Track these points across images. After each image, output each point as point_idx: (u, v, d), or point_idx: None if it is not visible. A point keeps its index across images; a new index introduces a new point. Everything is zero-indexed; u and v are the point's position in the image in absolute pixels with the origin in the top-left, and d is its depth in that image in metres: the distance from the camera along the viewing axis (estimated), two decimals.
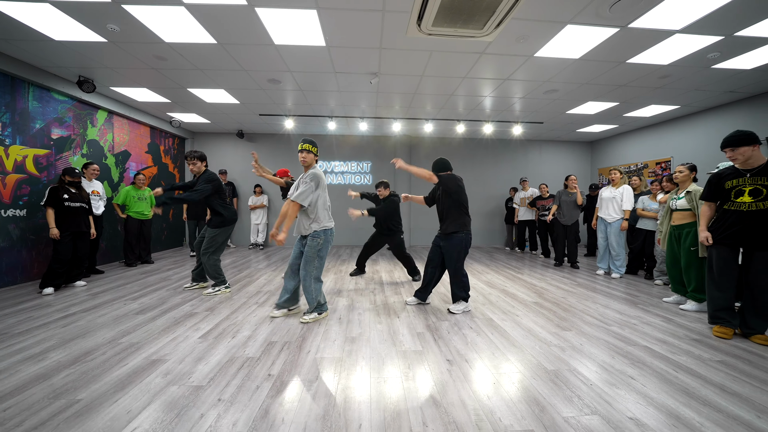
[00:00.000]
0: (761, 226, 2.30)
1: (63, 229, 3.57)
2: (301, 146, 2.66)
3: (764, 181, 2.30)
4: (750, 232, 2.34)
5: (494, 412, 1.55)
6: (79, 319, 2.71)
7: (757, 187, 2.32)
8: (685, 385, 1.79)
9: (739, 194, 2.39)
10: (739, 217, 2.39)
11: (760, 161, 2.35)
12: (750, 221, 2.34)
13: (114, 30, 3.05)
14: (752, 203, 2.33)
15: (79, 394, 1.66)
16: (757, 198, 2.31)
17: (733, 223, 2.41)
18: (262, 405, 1.58)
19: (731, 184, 2.43)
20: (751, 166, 2.37)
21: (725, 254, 2.48)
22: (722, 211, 2.51)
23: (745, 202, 2.36)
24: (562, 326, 2.65)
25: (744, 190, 2.37)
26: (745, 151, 2.35)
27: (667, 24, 2.88)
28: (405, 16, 2.79)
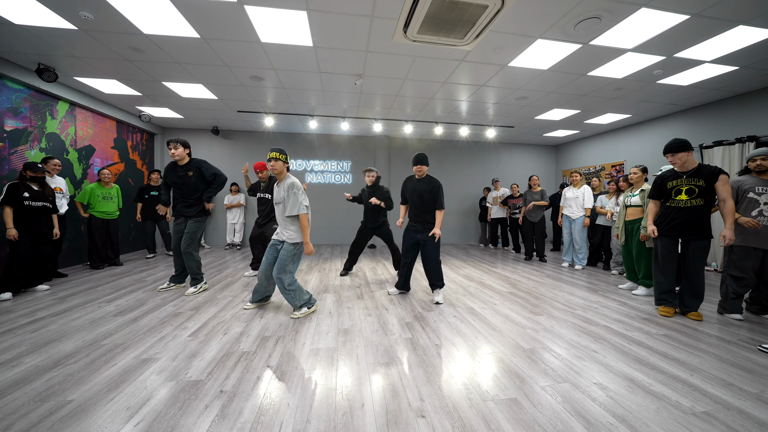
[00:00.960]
0: (695, 219, 2.71)
1: (22, 230, 3.31)
2: (270, 155, 2.69)
3: (697, 182, 2.70)
4: (687, 224, 2.75)
5: (481, 385, 1.73)
6: (49, 324, 2.56)
7: (692, 187, 2.72)
8: (637, 354, 2.09)
9: (677, 193, 2.79)
10: (678, 212, 2.79)
11: (693, 164, 2.76)
12: (687, 215, 2.74)
13: (87, 18, 2.89)
14: (688, 200, 2.74)
15: (69, 396, 1.62)
16: (692, 196, 2.72)
17: (674, 218, 2.81)
18: (265, 393, 1.64)
19: (672, 185, 2.83)
20: (687, 168, 2.78)
21: (668, 244, 2.88)
22: (665, 208, 2.91)
23: (682, 200, 2.76)
24: (534, 312, 2.92)
25: (681, 189, 2.77)
26: (682, 156, 2.76)
27: (621, 43, 3.26)
28: (392, 23, 2.93)
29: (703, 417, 1.48)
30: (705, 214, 2.71)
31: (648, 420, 1.45)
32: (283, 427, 1.40)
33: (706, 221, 2.71)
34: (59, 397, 1.60)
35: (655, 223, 2.98)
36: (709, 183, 2.65)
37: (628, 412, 1.51)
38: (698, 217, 2.71)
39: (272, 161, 2.68)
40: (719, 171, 2.64)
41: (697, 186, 2.69)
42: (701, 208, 2.70)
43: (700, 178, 2.69)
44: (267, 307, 2.99)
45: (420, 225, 3.15)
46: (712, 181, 2.64)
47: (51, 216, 3.59)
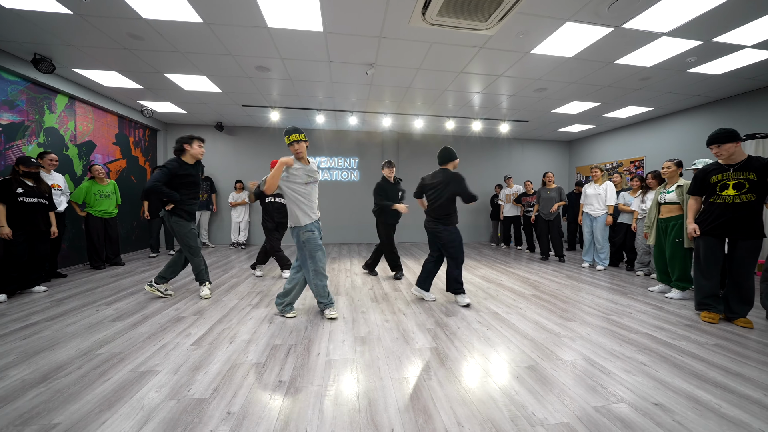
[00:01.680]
0: (744, 217, 2.46)
1: (17, 228, 3.13)
2: (299, 137, 2.45)
3: (746, 175, 2.45)
4: (734, 222, 2.50)
5: (525, 407, 1.51)
6: (42, 330, 2.37)
7: (740, 181, 2.47)
8: (693, 368, 1.86)
9: (723, 188, 2.54)
10: (724, 209, 2.54)
11: (742, 156, 2.51)
12: (734, 213, 2.49)
13: (82, 0, 2.69)
14: (736, 196, 2.48)
15: (55, 417, 1.42)
16: (741, 191, 2.47)
17: (719, 215, 2.56)
18: (278, 416, 1.43)
19: (716, 179, 2.58)
20: (734, 161, 2.52)
21: (712, 244, 2.63)
22: (708, 204, 2.66)
23: (729, 195, 2.51)
24: (565, 317, 2.69)
25: (728, 183, 2.52)
26: (729, 147, 2.50)
27: (656, 26, 3.01)
28: (410, 4, 2.70)
29: None
30: (756, 211, 2.45)
31: None
32: None
33: (757, 219, 2.46)
34: (43, 419, 1.40)
35: (696, 221, 2.74)
36: (761, 176, 2.40)
37: None
38: (748, 214, 2.46)
39: (301, 143, 2.45)
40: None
41: (747, 180, 2.44)
42: (752, 205, 2.45)
43: (750, 171, 2.44)
44: (276, 309, 2.78)
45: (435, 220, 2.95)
46: (764, 175, 2.39)
47: (48, 213, 3.41)
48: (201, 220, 6.56)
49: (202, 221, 6.59)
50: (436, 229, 2.93)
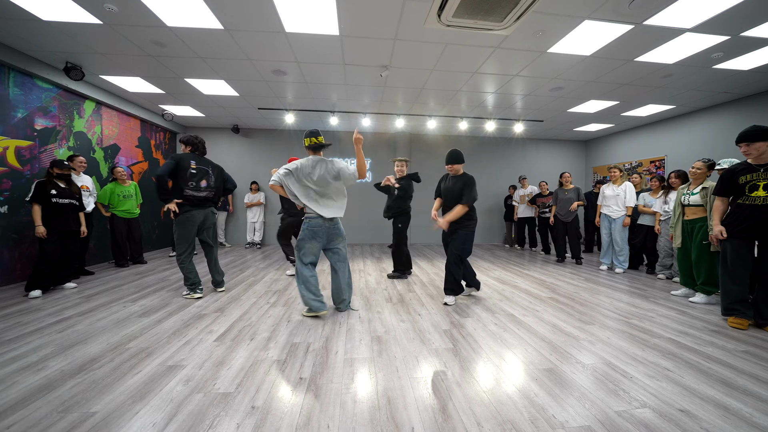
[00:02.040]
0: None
1: (51, 227, 3.31)
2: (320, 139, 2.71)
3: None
4: (765, 225, 2.40)
5: (545, 409, 1.50)
6: (75, 324, 2.50)
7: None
8: (721, 375, 1.80)
9: (753, 189, 2.44)
10: (754, 210, 2.44)
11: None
12: (765, 214, 2.39)
13: (112, 10, 2.83)
14: (767, 197, 2.39)
15: (93, 406, 1.50)
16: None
17: (748, 217, 2.47)
18: (301, 411, 1.47)
19: (745, 179, 2.49)
20: (764, 160, 2.43)
21: (740, 247, 2.53)
22: (736, 206, 2.56)
23: (759, 197, 2.42)
24: (584, 320, 2.64)
25: (758, 184, 2.42)
26: (760, 146, 2.41)
27: (679, 22, 2.92)
28: (426, 6, 2.72)
29: None
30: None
31: None
32: None
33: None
34: (83, 407, 1.49)
35: (723, 222, 2.64)
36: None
37: None
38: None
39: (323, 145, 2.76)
40: None
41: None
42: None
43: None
44: (293, 308, 2.85)
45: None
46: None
47: (78, 213, 3.59)
48: (219, 220, 6.74)
49: (219, 221, 6.77)
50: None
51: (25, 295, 3.20)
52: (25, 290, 3.24)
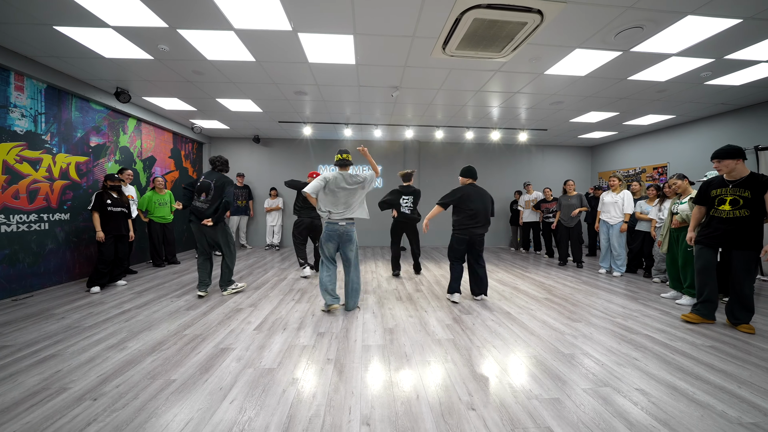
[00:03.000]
0: (737, 231, 2.63)
1: (106, 232, 3.85)
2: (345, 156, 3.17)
3: (743, 192, 2.60)
4: (728, 236, 2.66)
5: (525, 385, 1.87)
6: (136, 315, 3.00)
7: (736, 197, 2.63)
8: (681, 364, 2.12)
9: (721, 202, 2.71)
10: (720, 223, 2.71)
11: (744, 173, 2.66)
12: (728, 226, 2.66)
13: (163, 50, 3.33)
14: (731, 211, 2.65)
15: (172, 375, 1.96)
16: (735, 207, 2.63)
17: (715, 228, 2.74)
18: (330, 382, 1.89)
19: (716, 193, 2.76)
20: (735, 177, 2.68)
21: (706, 254, 2.81)
22: (708, 217, 2.84)
23: (725, 210, 2.68)
24: (572, 318, 2.97)
25: (726, 199, 2.69)
26: (728, 163, 2.67)
27: (664, 48, 3.21)
28: (432, 41, 3.11)
29: (750, 428, 1.53)
30: (751, 226, 2.60)
31: (691, 426, 1.53)
32: (352, 411, 1.63)
33: (751, 233, 2.60)
34: (164, 376, 1.94)
35: (696, 229, 2.92)
36: (756, 194, 2.56)
37: (670, 417, 1.59)
38: (742, 229, 2.61)
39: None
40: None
41: (742, 197, 2.60)
42: (746, 220, 2.60)
43: (746, 189, 2.59)
44: (316, 305, 3.28)
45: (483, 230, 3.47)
46: (760, 192, 2.54)
47: (127, 220, 4.13)
48: (240, 223, 7.28)
49: (240, 225, 7.30)
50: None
51: (87, 290, 3.74)
52: (86, 286, 3.79)
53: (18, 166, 3.55)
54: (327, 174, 3.08)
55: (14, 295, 3.49)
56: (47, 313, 3.02)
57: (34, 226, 3.71)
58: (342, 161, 3.14)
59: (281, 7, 2.60)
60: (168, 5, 2.61)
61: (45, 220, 3.83)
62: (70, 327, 2.70)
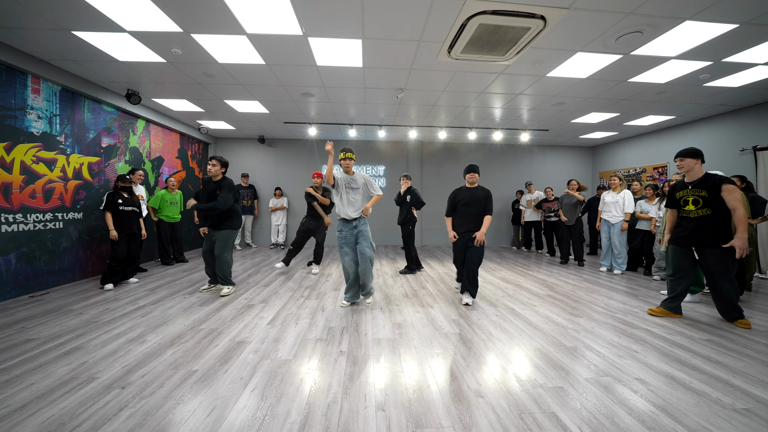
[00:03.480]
0: (704, 229, 2.73)
1: (118, 231, 3.95)
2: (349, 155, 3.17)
3: (700, 192, 2.74)
4: (697, 234, 2.77)
5: (530, 374, 1.96)
6: (152, 311, 3.10)
7: (696, 197, 2.76)
8: (679, 356, 2.22)
9: (685, 203, 2.85)
10: (688, 222, 2.84)
11: (699, 174, 2.78)
12: (695, 225, 2.78)
13: (176, 53, 3.43)
14: (695, 211, 2.77)
15: (193, 366, 2.05)
16: (698, 206, 2.76)
17: (684, 228, 2.87)
18: (345, 372, 1.98)
19: (680, 195, 2.89)
20: (693, 178, 2.81)
21: (680, 253, 2.92)
22: (679, 218, 2.96)
23: (691, 210, 2.81)
24: (574, 314, 3.07)
25: (688, 199, 2.82)
26: (689, 162, 2.78)
27: (663, 52, 3.30)
28: (438, 45, 3.20)
29: (743, 413, 1.62)
30: (717, 224, 2.70)
31: (687, 411, 1.62)
32: (367, 398, 1.72)
33: (719, 230, 2.69)
34: (186, 367, 2.04)
35: (671, 231, 3.04)
36: (712, 193, 2.66)
37: (668, 403, 1.69)
38: (709, 227, 2.72)
39: (349, 160, 3.18)
40: (722, 181, 2.63)
41: (701, 196, 2.72)
42: (710, 218, 2.71)
43: (702, 189, 2.72)
44: (325, 301, 3.38)
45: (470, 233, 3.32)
46: (715, 192, 2.65)
47: (138, 219, 4.23)
48: (245, 223, 7.38)
49: (246, 224, 7.41)
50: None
51: (101, 287, 3.84)
52: (100, 283, 3.89)
53: (34, 166, 3.65)
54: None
55: (31, 292, 3.59)
56: (65, 309, 3.12)
57: (50, 224, 3.81)
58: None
59: (293, 13, 2.70)
60: (185, 11, 2.71)
61: (60, 219, 3.94)
62: (90, 322, 2.80)
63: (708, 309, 3.23)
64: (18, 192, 3.48)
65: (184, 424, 1.52)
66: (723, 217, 2.70)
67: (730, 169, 5.10)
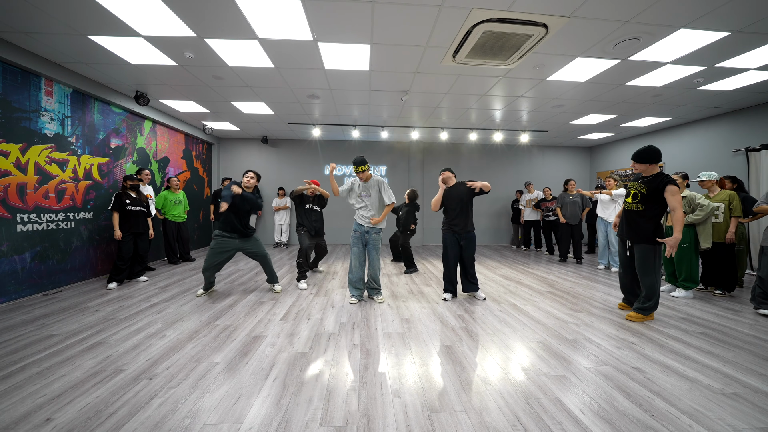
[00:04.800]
0: (633, 223, 2.82)
1: (125, 230, 4.00)
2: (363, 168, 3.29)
3: (641, 188, 2.77)
4: (627, 227, 2.87)
5: (534, 364, 2.08)
6: (166, 308, 3.19)
7: (636, 192, 2.82)
8: (673, 347, 2.35)
9: (628, 195, 2.93)
10: (625, 213, 2.94)
11: (653, 172, 2.78)
12: (628, 217, 2.87)
13: (188, 57, 3.51)
14: (631, 204, 2.85)
15: (215, 359, 2.15)
16: (634, 200, 2.83)
17: (623, 219, 2.98)
18: (359, 363, 2.09)
19: (630, 186, 2.96)
20: (648, 174, 2.80)
21: (621, 245, 3.05)
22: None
23: (628, 203, 2.90)
24: (574, 309, 3.20)
25: (630, 192, 2.90)
26: (639, 167, 2.81)
27: (659, 57, 3.44)
28: (443, 50, 3.31)
29: (732, 397, 1.75)
30: (643, 220, 2.75)
31: (681, 396, 1.75)
32: (383, 386, 1.84)
33: (644, 227, 2.75)
34: (208, 359, 2.14)
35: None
36: (652, 192, 2.68)
37: (662, 389, 1.81)
38: (636, 221, 2.79)
39: (365, 172, 3.33)
40: (667, 182, 2.64)
41: (640, 192, 2.78)
42: (639, 214, 2.77)
43: (645, 185, 2.74)
44: (333, 297, 3.48)
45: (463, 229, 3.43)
46: (657, 191, 2.67)
47: (146, 218, 4.31)
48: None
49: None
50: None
51: (106, 286, 3.91)
52: (107, 282, 3.95)
53: (47, 167, 3.73)
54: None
55: (44, 290, 3.67)
56: (81, 307, 3.20)
57: (62, 224, 3.89)
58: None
59: (306, 20, 2.80)
60: (199, 17, 2.80)
61: (71, 218, 4.01)
62: (107, 318, 2.89)
63: (702, 304, 3.37)
64: (32, 192, 3.55)
65: (214, 410, 1.63)
66: (652, 216, 2.72)
67: (724, 170, 5.25)
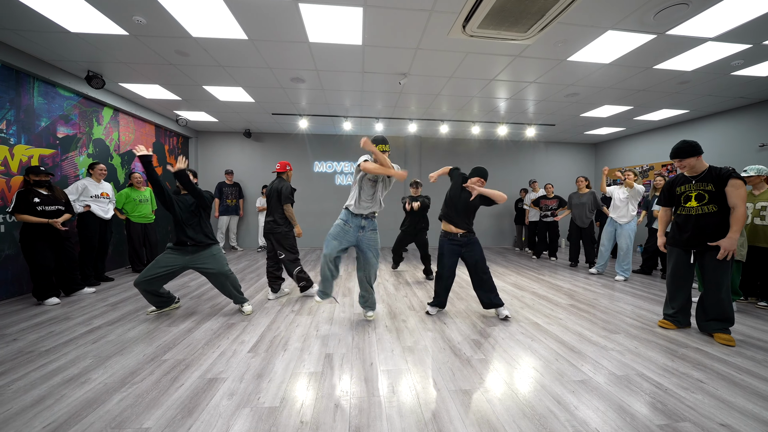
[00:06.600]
0: (708, 227, 2.41)
1: (38, 237, 3.14)
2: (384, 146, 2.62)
3: (706, 186, 2.41)
4: (698, 233, 2.45)
5: (587, 422, 1.52)
6: (107, 334, 2.54)
7: (701, 192, 2.43)
8: (756, 388, 1.82)
9: (687, 199, 2.51)
10: (687, 220, 2.50)
11: (704, 167, 2.46)
12: (697, 223, 2.45)
13: (140, 22, 2.86)
14: (698, 207, 2.45)
15: (144, 422, 1.53)
16: (701, 202, 2.43)
17: (684, 227, 2.53)
18: (350, 426, 1.50)
19: (680, 190, 2.56)
20: (697, 172, 2.48)
21: (679, 256, 2.59)
22: (676, 215, 2.63)
23: (692, 207, 2.48)
24: (608, 329, 2.66)
25: (691, 195, 2.49)
26: (689, 161, 2.46)
27: (702, 32, 2.94)
28: (451, 17, 2.74)
29: None
30: (719, 222, 2.38)
31: None
32: None
33: (721, 229, 2.37)
34: (135, 423, 1.52)
35: (667, 232, 2.70)
36: (719, 187, 2.36)
37: None
38: (712, 225, 2.40)
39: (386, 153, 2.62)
40: (729, 174, 2.32)
41: (707, 191, 2.40)
42: (715, 215, 2.39)
43: (709, 182, 2.40)
44: (318, 316, 2.88)
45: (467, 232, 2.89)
46: (722, 186, 2.34)
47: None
48: (230, 224, 6.78)
49: (231, 225, 6.81)
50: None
51: (38, 303, 3.18)
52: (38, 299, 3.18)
53: None
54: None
55: None
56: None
57: None
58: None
59: None
60: None
61: (1, 221, 3.30)
62: (23, 351, 2.23)
63: (754, 321, 2.89)
64: None
65: None
66: (727, 215, 2.37)
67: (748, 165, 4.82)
